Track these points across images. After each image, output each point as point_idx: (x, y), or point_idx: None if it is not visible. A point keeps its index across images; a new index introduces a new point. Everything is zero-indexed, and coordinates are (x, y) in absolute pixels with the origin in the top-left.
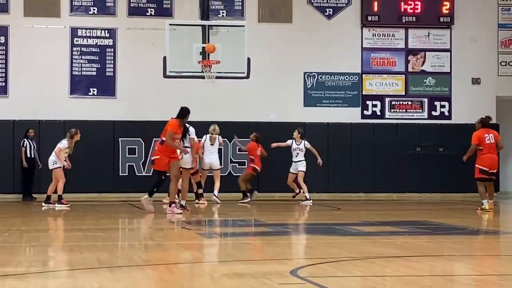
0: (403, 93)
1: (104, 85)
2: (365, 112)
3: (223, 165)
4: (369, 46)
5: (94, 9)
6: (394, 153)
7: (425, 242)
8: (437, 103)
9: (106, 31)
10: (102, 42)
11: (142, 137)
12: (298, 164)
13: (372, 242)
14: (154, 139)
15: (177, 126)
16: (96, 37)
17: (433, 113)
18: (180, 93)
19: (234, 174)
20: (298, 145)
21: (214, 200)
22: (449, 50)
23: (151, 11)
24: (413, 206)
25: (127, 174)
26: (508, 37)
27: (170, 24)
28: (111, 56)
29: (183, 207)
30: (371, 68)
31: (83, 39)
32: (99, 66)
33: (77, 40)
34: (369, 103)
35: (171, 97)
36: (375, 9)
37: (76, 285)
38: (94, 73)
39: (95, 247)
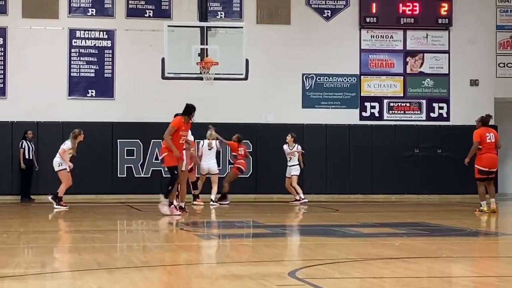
0: (402, 95)
1: (103, 86)
2: (364, 114)
3: (222, 168)
4: (367, 48)
5: (92, 11)
6: (392, 154)
7: (424, 244)
8: (435, 105)
9: (105, 33)
10: (100, 43)
11: (140, 139)
12: (292, 168)
13: (370, 244)
14: (153, 140)
15: (181, 123)
16: (95, 38)
17: (432, 114)
18: (179, 95)
19: None
20: (291, 149)
21: (211, 205)
22: (447, 52)
23: (150, 12)
24: (411, 208)
25: (125, 175)
26: (506, 38)
27: (169, 26)
28: (110, 57)
29: (182, 209)
30: (369, 70)
31: (81, 40)
32: (98, 68)
33: (75, 42)
34: (367, 104)
35: (169, 98)
36: (374, 10)
37: (74, 286)
38: (93, 75)
39: (93, 249)
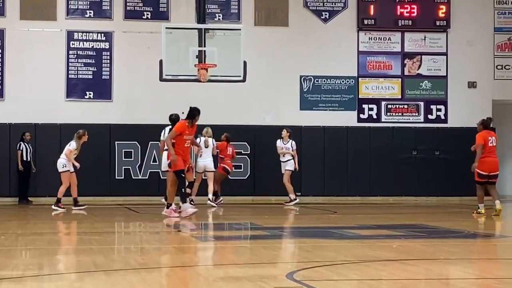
0: (399, 97)
1: (100, 88)
2: (361, 116)
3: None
4: (365, 50)
5: (90, 13)
6: (390, 156)
7: (421, 246)
8: (433, 107)
9: (102, 35)
10: (98, 45)
11: (138, 141)
12: (286, 163)
13: (368, 246)
14: (150, 142)
15: (184, 127)
16: (92, 40)
17: (429, 116)
18: (176, 97)
19: (231, 178)
20: (285, 144)
21: (209, 204)
22: (445, 54)
23: (148, 14)
24: (409, 210)
25: (123, 177)
26: (504, 40)
27: (167, 28)
28: (107, 59)
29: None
30: (367, 72)
31: (79, 42)
32: (95, 70)
33: (73, 44)
34: (365, 106)
35: (167, 100)
36: (371, 12)
37: None
38: (90, 76)
39: (91, 251)
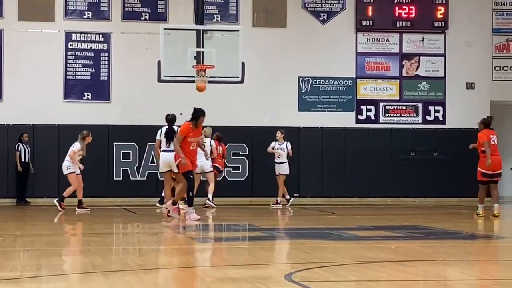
0: (398, 98)
1: (99, 89)
2: (360, 117)
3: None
4: (363, 51)
5: (88, 14)
6: (388, 157)
7: (420, 247)
8: (431, 108)
9: (101, 36)
10: (96, 46)
11: (136, 142)
12: (280, 166)
13: (366, 247)
14: (149, 143)
15: (188, 130)
16: (91, 41)
17: (427, 117)
18: (175, 98)
19: (229, 179)
20: (280, 145)
21: (209, 204)
22: (443, 55)
23: (146, 15)
24: (407, 211)
25: (121, 178)
26: (502, 42)
27: (165, 29)
28: (106, 60)
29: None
30: (365, 73)
31: (77, 43)
32: (94, 71)
33: (71, 44)
34: (363, 107)
35: (165, 101)
36: (370, 14)
37: None
38: (89, 77)
39: (89, 252)
